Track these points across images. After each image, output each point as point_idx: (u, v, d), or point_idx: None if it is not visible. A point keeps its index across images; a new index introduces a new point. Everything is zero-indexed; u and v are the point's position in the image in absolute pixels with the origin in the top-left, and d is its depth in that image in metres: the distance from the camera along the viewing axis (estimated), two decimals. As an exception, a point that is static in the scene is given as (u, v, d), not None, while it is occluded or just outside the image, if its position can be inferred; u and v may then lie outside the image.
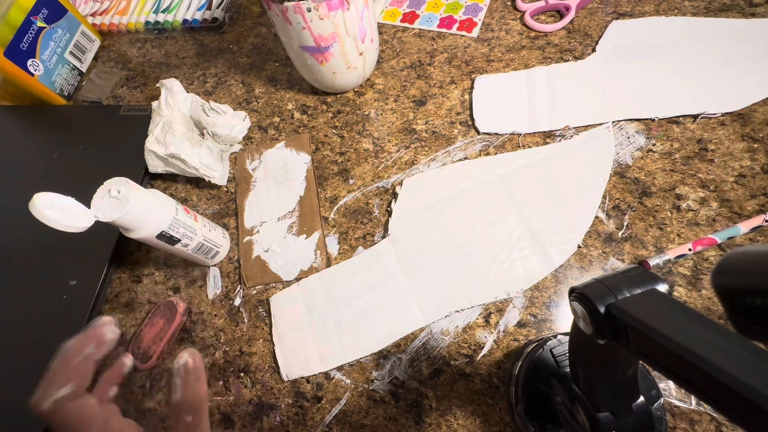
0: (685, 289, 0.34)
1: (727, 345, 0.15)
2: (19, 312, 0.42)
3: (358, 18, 0.42)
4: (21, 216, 0.30)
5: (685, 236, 0.36)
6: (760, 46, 0.42)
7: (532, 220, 0.39)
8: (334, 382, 0.36)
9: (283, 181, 0.46)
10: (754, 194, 0.37)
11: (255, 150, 0.49)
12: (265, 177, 0.47)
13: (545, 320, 0.35)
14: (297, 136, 0.49)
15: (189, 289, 0.42)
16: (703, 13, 0.46)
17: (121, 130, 0.52)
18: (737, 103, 0.40)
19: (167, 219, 0.35)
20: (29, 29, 0.54)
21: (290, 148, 0.48)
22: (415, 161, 0.44)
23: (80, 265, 0.43)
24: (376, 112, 0.49)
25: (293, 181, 0.46)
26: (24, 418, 0.37)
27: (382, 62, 0.52)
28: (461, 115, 0.46)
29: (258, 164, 0.48)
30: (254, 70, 0.56)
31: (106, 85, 0.60)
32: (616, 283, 0.20)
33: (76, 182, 0.35)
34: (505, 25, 0.51)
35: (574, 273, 0.37)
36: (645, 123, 0.42)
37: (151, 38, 0.63)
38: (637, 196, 0.39)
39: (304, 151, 0.47)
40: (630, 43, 0.46)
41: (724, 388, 0.14)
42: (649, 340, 0.17)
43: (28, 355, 0.40)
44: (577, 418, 0.26)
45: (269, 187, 0.46)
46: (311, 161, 0.47)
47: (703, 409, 0.31)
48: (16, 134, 0.56)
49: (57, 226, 0.28)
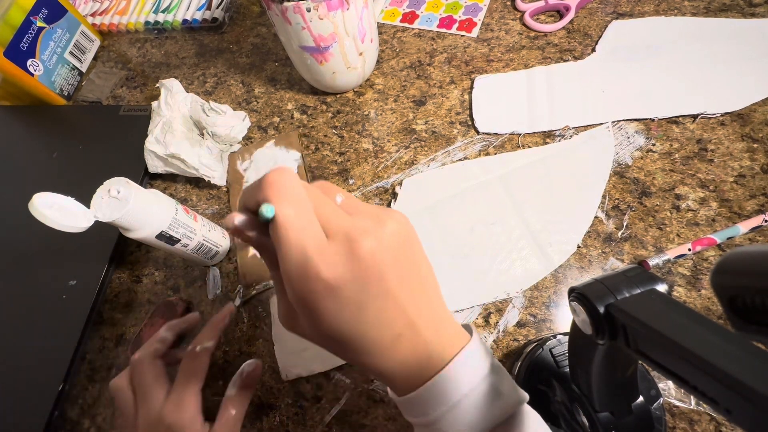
0: (684, 289, 0.34)
1: (727, 345, 0.15)
2: (18, 312, 0.42)
3: (358, 18, 0.42)
4: (21, 216, 0.30)
5: (685, 236, 0.36)
6: (760, 46, 0.42)
7: (531, 220, 0.39)
8: (334, 382, 0.36)
9: None
10: (754, 194, 0.37)
11: (245, 150, 0.49)
12: (256, 177, 0.47)
13: (545, 320, 0.35)
14: (286, 133, 0.49)
15: (189, 289, 0.42)
16: (703, 13, 0.46)
17: (121, 130, 0.52)
18: (737, 103, 0.40)
19: (167, 219, 0.35)
20: (29, 29, 0.54)
21: (280, 146, 0.48)
22: (414, 161, 0.44)
23: (80, 265, 0.43)
24: (375, 112, 0.49)
25: None
26: (24, 417, 0.37)
27: (381, 62, 0.52)
28: (461, 115, 0.46)
29: (249, 164, 0.48)
30: (254, 70, 0.56)
31: (105, 85, 0.60)
32: (616, 283, 0.20)
33: (76, 182, 0.35)
34: (505, 25, 0.51)
35: (574, 273, 0.37)
36: (645, 123, 0.42)
37: (151, 38, 0.63)
38: (637, 196, 0.39)
39: (294, 149, 0.48)
40: (630, 43, 0.46)
41: (723, 388, 0.14)
42: (648, 340, 0.17)
43: (27, 354, 0.40)
44: (577, 418, 0.26)
45: None
46: (301, 157, 0.47)
47: (702, 408, 0.31)
48: (16, 134, 0.56)
49: (57, 226, 0.28)
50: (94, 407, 0.38)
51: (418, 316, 0.20)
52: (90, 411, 0.38)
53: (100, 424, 0.38)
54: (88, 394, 0.39)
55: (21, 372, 0.39)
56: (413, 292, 0.20)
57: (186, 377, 0.30)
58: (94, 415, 0.38)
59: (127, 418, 0.30)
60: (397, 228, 0.20)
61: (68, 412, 0.39)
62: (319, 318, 0.19)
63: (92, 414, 0.38)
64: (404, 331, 0.20)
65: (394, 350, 0.20)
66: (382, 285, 0.19)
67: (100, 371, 0.40)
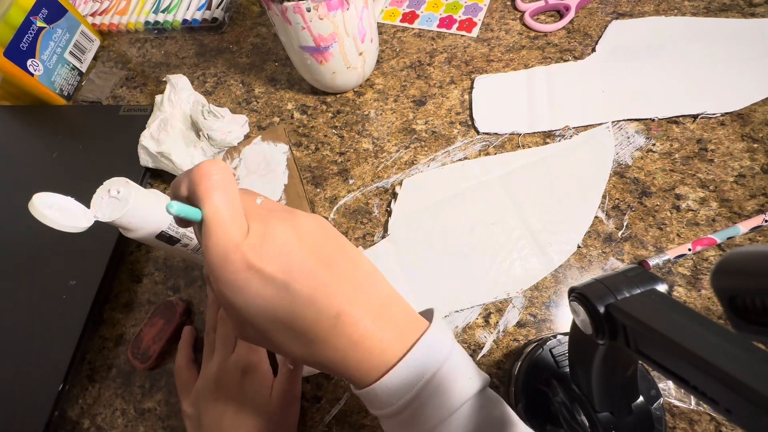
0: (684, 289, 0.34)
1: (727, 345, 0.15)
2: (18, 312, 0.42)
3: (358, 18, 0.42)
4: (21, 216, 0.30)
5: (685, 236, 0.36)
6: (760, 46, 0.42)
7: (531, 220, 0.39)
8: (334, 382, 0.36)
9: (266, 174, 0.47)
10: (754, 194, 0.37)
11: (234, 150, 0.49)
12: (247, 174, 0.47)
13: (545, 320, 0.35)
14: (272, 128, 0.50)
15: (189, 289, 0.42)
16: (703, 13, 0.46)
17: (121, 130, 0.52)
18: (737, 103, 0.40)
19: (167, 219, 0.35)
20: (29, 29, 0.54)
21: (267, 141, 0.49)
22: (414, 161, 0.44)
23: (80, 265, 0.43)
24: (375, 112, 0.49)
25: (275, 172, 0.46)
26: (24, 417, 0.37)
27: (381, 62, 0.52)
28: (461, 115, 0.46)
29: (238, 162, 0.48)
30: (254, 70, 0.56)
31: (105, 85, 0.59)
32: (616, 283, 0.20)
33: (76, 182, 0.35)
34: (505, 25, 0.51)
35: (574, 273, 0.37)
36: (645, 123, 0.42)
37: (151, 38, 0.63)
38: (637, 196, 0.39)
39: (281, 142, 0.48)
40: (630, 43, 0.46)
41: (724, 389, 0.14)
42: (648, 340, 0.17)
43: (27, 354, 0.40)
44: (577, 418, 0.26)
45: (253, 183, 0.47)
46: (290, 149, 0.47)
47: (702, 408, 0.31)
48: (16, 134, 0.56)
49: (56, 226, 0.28)
50: (94, 407, 0.38)
51: (356, 298, 0.20)
52: (90, 411, 0.38)
53: (100, 424, 0.38)
54: (88, 394, 0.39)
55: (21, 372, 0.39)
56: (344, 275, 0.21)
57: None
58: (94, 415, 0.38)
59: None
60: (313, 219, 0.22)
61: (68, 412, 0.39)
62: (247, 304, 0.19)
63: (92, 414, 0.38)
64: (344, 311, 0.20)
65: (337, 334, 0.20)
66: (306, 264, 0.20)
67: (100, 371, 0.40)
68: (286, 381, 0.32)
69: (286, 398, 0.32)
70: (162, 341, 0.39)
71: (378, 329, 0.20)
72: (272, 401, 0.32)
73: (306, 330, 0.20)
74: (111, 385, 0.39)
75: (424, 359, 0.20)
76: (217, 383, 0.32)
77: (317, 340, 0.20)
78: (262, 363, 0.34)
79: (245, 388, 0.32)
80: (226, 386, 0.32)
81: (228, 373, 0.32)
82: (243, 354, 0.33)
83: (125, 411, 0.38)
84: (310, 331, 0.20)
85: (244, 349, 0.34)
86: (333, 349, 0.20)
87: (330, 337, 0.20)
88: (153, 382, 0.39)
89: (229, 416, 0.31)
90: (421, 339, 0.20)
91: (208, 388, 0.32)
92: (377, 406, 0.21)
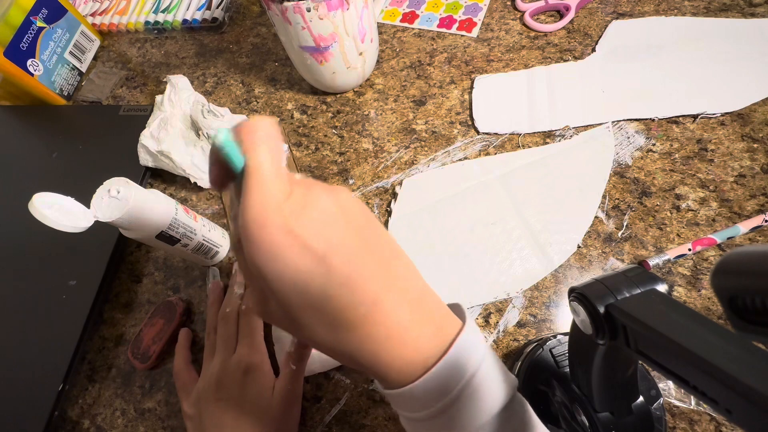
0: (684, 289, 0.34)
1: (727, 345, 0.15)
2: (18, 312, 0.42)
3: (358, 18, 0.42)
4: (21, 216, 0.30)
5: (685, 236, 0.36)
6: (760, 46, 0.42)
7: (531, 220, 0.39)
8: (334, 382, 0.36)
9: None
10: (754, 194, 0.37)
11: None
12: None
13: (545, 320, 0.35)
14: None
15: (189, 289, 0.42)
16: (703, 13, 0.46)
17: (121, 130, 0.52)
18: (737, 103, 0.40)
19: (167, 219, 0.35)
20: (29, 29, 0.54)
21: None
22: (414, 161, 0.44)
23: (80, 265, 0.43)
24: (375, 112, 0.49)
25: None
26: (24, 417, 0.37)
27: (381, 62, 0.52)
28: (461, 115, 0.46)
29: None
30: (254, 70, 0.56)
31: (105, 85, 0.59)
32: (616, 283, 0.20)
33: (76, 182, 0.35)
34: (505, 25, 0.51)
35: (574, 273, 0.37)
36: (645, 123, 0.42)
37: (151, 38, 0.63)
38: (637, 196, 0.39)
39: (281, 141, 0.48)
40: (630, 43, 0.46)
41: (724, 389, 0.14)
42: (648, 340, 0.17)
43: (27, 354, 0.40)
44: (577, 418, 0.26)
45: None
46: (290, 149, 0.47)
47: (702, 408, 0.31)
48: (15, 134, 0.56)
49: (56, 226, 0.28)
50: (94, 407, 0.38)
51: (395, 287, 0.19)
52: (90, 411, 0.38)
53: (100, 424, 0.38)
54: (88, 394, 0.39)
55: (21, 372, 0.39)
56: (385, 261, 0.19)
57: (250, 328, 0.35)
58: (94, 415, 0.38)
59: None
60: (356, 199, 0.20)
61: (68, 412, 0.39)
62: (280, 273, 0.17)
63: (92, 414, 0.38)
64: (382, 298, 0.18)
65: (372, 322, 0.18)
66: (348, 241, 0.18)
67: (100, 371, 0.40)
68: (288, 381, 0.32)
69: (288, 398, 0.32)
70: (162, 341, 0.39)
71: (415, 323, 0.19)
72: (274, 402, 0.32)
73: (337, 313, 0.18)
74: (111, 385, 0.39)
75: (463, 360, 0.18)
76: (218, 384, 0.32)
77: (348, 327, 0.18)
78: (263, 363, 0.34)
79: (247, 388, 0.32)
80: (228, 387, 0.32)
81: (229, 374, 0.32)
82: (244, 354, 0.33)
83: (125, 411, 0.38)
84: (341, 315, 0.18)
85: (246, 350, 0.34)
86: (365, 339, 0.18)
87: (363, 325, 0.18)
88: (153, 382, 0.39)
89: (231, 417, 0.31)
90: (459, 337, 0.19)
91: (210, 389, 0.32)
92: (410, 408, 0.19)
